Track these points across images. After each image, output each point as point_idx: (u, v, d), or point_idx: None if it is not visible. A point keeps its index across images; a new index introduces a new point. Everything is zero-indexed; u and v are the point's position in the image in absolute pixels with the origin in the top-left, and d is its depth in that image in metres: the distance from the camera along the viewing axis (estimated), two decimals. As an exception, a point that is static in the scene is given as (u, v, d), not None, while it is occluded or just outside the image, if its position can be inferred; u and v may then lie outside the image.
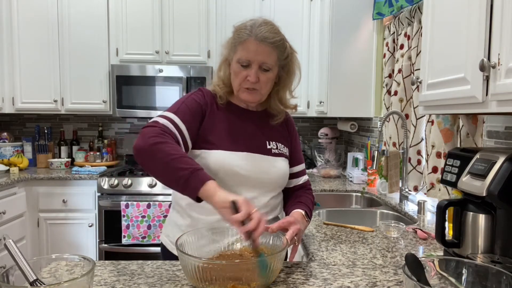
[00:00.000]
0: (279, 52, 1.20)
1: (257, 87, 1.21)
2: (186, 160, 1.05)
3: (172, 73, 3.20)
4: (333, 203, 2.54)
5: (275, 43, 1.18)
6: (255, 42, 1.16)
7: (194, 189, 1.02)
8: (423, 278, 0.80)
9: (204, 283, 0.91)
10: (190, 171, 1.02)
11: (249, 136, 1.26)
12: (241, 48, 1.18)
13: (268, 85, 1.23)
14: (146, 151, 1.06)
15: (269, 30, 1.17)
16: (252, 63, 1.18)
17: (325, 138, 3.33)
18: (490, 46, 0.98)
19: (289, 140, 1.37)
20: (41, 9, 3.20)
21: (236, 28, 1.23)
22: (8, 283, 0.78)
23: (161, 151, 1.05)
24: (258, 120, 1.31)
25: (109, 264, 1.13)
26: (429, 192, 1.86)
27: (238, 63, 1.19)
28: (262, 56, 1.17)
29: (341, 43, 2.83)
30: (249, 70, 1.19)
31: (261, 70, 1.19)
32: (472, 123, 1.58)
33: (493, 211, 1.06)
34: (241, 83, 1.21)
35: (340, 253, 1.35)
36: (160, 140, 1.07)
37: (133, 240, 2.86)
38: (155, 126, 1.11)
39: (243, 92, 1.22)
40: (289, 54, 1.25)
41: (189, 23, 3.25)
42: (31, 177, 2.97)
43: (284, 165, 1.30)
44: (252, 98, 1.24)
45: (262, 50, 1.17)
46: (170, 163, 1.04)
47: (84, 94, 3.28)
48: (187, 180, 1.02)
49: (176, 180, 1.04)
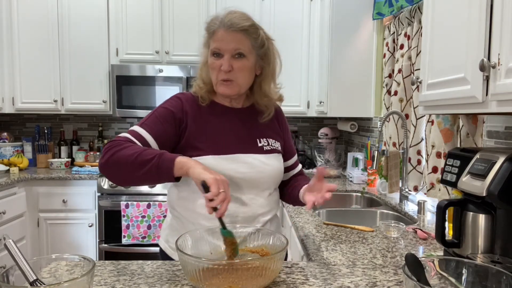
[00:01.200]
0: (251, 38, 1.18)
1: (232, 77, 1.18)
2: (147, 152, 1.05)
3: (172, 73, 3.20)
4: (333, 203, 2.53)
5: (243, 27, 1.16)
6: (223, 30, 1.15)
7: (168, 171, 1.03)
8: (423, 278, 0.80)
9: (204, 283, 0.91)
10: (157, 157, 1.03)
11: (238, 136, 1.24)
12: (212, 40, 1.18)
13: (244, 73, 1.20)
14: (108, 164, 1.08)
15: (237, 17, 1.16)
16: (224, 52, 1.16)
17: (325, 138, 3.33)
18: (490, 46, 0.98)
19: (281, 134, 1.35)
20: (41, 9, 3.20)
21: (207, 23, 1.21)
22: (8, 283, 0.78)
23: (121, 156, 1.06)
24: (246, 117, 1.28)
25: (109, 264, 1.13)
26: (429, 192, 1.86)
27: (211, 55, 1.18)
28: (233, 43, 1.16)
29: (341, 43, 2.83)
30: (222, 59, 1.17)
31: (234, 58, 1.17)
32: (472, 123, 1.58)
33: (493, 211, 1.06)
34: (217, 75, 1.19)
35: (340, 253, 1.35)
36: (116, 149, 1.08)
37: (133, 240, 2.86)
38: (113, 141, 1.12)
39: (220, 86, 1.20)
40: (265, 42, 1.22)
41: (189, 23, 3.25)
42: (31, 177, 2.97)
43: (278, 161, 1.29)
44: (230, 91, 1.20)
45: (232, 37, 1.15)
46: (134, 161, 1.04)
47: (84, 94, 3.28)
48: (157, 167, 1.03)
49: (148, 172, 1.04)
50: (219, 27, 1.16)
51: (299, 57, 3.24)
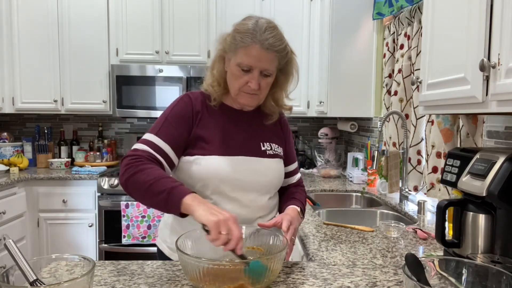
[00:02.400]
0: (281, 58, 1.18)
1: (257, 92, 1.19)
2: (160, 183, 1.04)
3: (172, 73, 3.20)
4: (333, 203, 2.54)
5: (280, 51, 1.15)
6: (259, 49, 1.12)
7: (175, 210, 1.02)
8: (423, 278, 0.80)
9: (204, 283, 0.91)
10: (166, 193, 1.02)
11: (243, 138, 1.24)
12: (243, 52, 1.14)
13: (267, 89, 1.22)
14: (126, 187, 1.09)
15: (275, 37, 1.14)
16: (254, 69, 1.15)
17: (325, 138, 3.33)
18: (490, 46, 0.98)
19: (283, 140, 1.36)
20: (41, 9, 3.20)
21: (238, 29, 1.16)
22: (8, 283, 0.78)
23: (137, 182, 1.06)
24: (252, 121, 1.29)
25: (109, 264, 1.13)
26: (429, 192, 1.86)
27: (238, 66, 1.16)
28: (266, 63, 1.15)
29: (341, 43, 2.83)
30: (250, 75, 1.15)
31: (262, 76, 1.17)
32: (472, 123, 1.58)
33: (493, 211, 1.06)
34: (240, 88, 1.18)
35: (340, 253, 1.35)
36: (134, 170, 1.08)
37: (133, 240, 2.86)
38: (131, 156, 1.11)
39: (243, 97, 1.20)
40: (289, 57, 1.23)
41: (189, 23, 3.25)
42: (31, 177, 2.97)
43: (280, 166, 1.30)
44: (251, 102, 1.22)
45: (266, 57, 1.14)
46: (147, 191, 1.05)
47: (84, 94, 3.28)
48: (166, 202, 1.03)
49: (158, 205, 1.06)
50: (254, 43, 1.12)
51: (299, 57, 3.17)
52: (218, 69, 1.24)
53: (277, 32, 1.16)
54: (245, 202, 1.21)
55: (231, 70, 1.18)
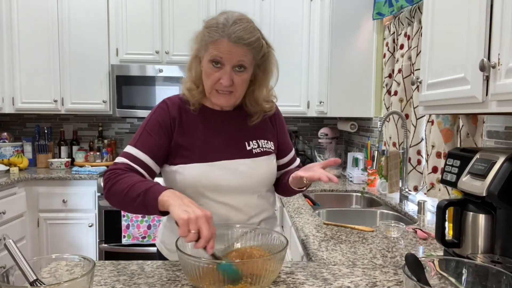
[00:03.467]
0: (254, 52, 1.12)
1: (232, 89, 1.14)
2: (135, 187, 1.03)
3: (172, 73, 3.20)
4: (333, 203, 2.54)
5: (250, 44, 1.09)
6: (228, 43, 1.07)
7: (153, 209, 1.01)
8: (423, 278, 0.80)
9: (204, 283, 0.91)
10: (142, 195, 1.01)
11: (225, 141, 1.20)
12: (212, 47, 1.09)
13: (243, 86, 1.16)
14: (108, 199, 1.11)
15: (244, 29, 1.08)
16: (225, 64, 1.10)
17: (325, 138, 3.33)
18: (490, 46, 0.98)
19: (274, 132, 1.31)
20: (41, 9, 3.20)
21: (207, 24, 1.12)
22: (8, 283, 0.78)
23: (115, 192, 1.08)
24: (235, 120, 1.24)
25: (109, 264, 1.13)
26: (429, 192, 1.86)
27: (209, 63, 1.11)
28: (236, 57, 1.09)
29: (341, 43, 2.83)
30: (222, 72, 1.11)
31: (235, 72, 1.12)
32: (472, 123, 1.58)
33: (493, 211, 1.06)
34: (213, 85, 1.14)
35: (340, 253, 1.35)
36: (112, 182, 1.08)
37: (133, 240, 2.86)
38: (110, 170, 1.12)
39: (217, 96, 1.15)
40: (266, 53, 1.17)
41: (189, 23, 3.25)
42: (31, 177, 2.97)
43: (268, 164, 1.25)
44: (226, 102, 1.17)
45: (236, 51, 1.09)
46: (125, 199, 1.05)
47: (84, 94, 3.28)
48: (144, 205, 1.02)
49: (139, 209, 1.05)
50: (222, 37, 1.08)
51: (299, 57, 3.24)
52: (195, 69, 1.21)
53: (247, 25, 1.10)
54: (234, 205, 1.20)
55: (204, 68, 1.14)
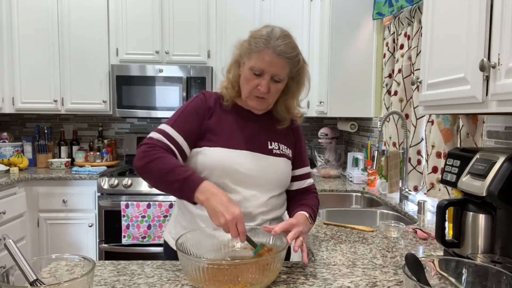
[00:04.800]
0: (292, 66, 1.23)
1: (267, 96, 1.23)
2: (175, 172, 1.11)
3: (172, 73, 3.20)
4: (333, 203, 2.54)
5: (291, 58, 1.20)
6: (272, 55, 1.17)
7: (188, 198, 1.10)
8: (423, 278, 0.80)
9: (204, 283, 0.91)
10: (181, 182, 1.10)
11: (250, 135, 1.28)
12: (256, 56, 1.19)
13: (276, 94, 1.26)
14: (143, 172, 1.16)
15: (287, 44, 1.19)
16: (265, 73, 1.19)
17: (325, 138, 3.33)
18: (490, 46, 0.98)
19: (293, 144, 1.37)
20: (41, 9, 3.20)
21: (253, 35, 1.23)
22: (8, 283, 0.78)
23: (155, 168, 1.13)
24: (262, 121, 1.32)
25: (109, 264, 1.13)
26: (429, 192, 1.86)
27: (250, 70, 1.21)
28: (277, 69, 1.19)
29: (341, 43, 2.83)
30: (261, 79, 1.20)
31: (272, 81, 1.21)
32: (472, 123, 1.59)
33: (493, 211, 1.06)
34: (251, 91, 1.23)
35: (340, 253, 1.35)
36: (152, 157, 1.14)
37: (133, 240, 2.86)
38: (148, 144, 1.18)
39: (252, 100, 1.25)
40: (301, 67, 1.28)
41: (189, 23, 3.25)
42: (31, 177, 2.97)
43: (285, 166, 1.30)
44: (260, 106, 1.26)
45: (277, 63, 1.18)
46: (163, 178, 1.12)
47: (84, 94, 3.28)
48: (181, 192, 1.11)
49: (174, 193, 1.14)
50: (267, 48, 1.17)
51: (299, 57, 3.24)
52: (233, 73, 1.29)
53: (290, 41, 1.21)
54: (246, 196, 1.22)
55: (244, 73, 1.23)
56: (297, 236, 1.08)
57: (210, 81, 3.21)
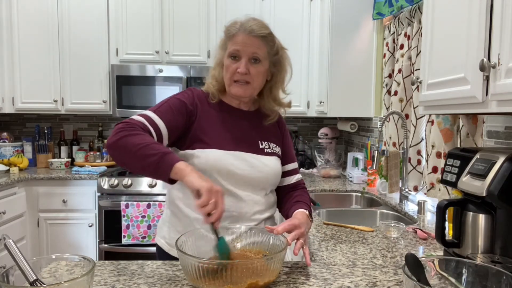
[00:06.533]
0: (268, 46, 1.23)
1: (249, 79, 1.22)
2: (153, 147, 1.06)
3: (172, 73, 3.20)
4: (333, 203, 2.54)
5: (263, 34, 1.21)
6: (243, 35, 1.20)
7: (165, 172, 1.04)
8: (423, 278, 0.80)
9: (204, 283, 0.91)
10: (159, 156, 1.04)
11: (242, 135, 1.28)
12: (231, 43, 1.22)
13: (259, 78, 1.25)
14: (116, 146, 1.09)
15: (257, 24, 1.22)
16: (242, 54, 1.21)
17: (325, 138, 3.33)
18: (490, 46, 0.98)
19: (281, 140, 1.39)
20: (41, 9, 3.20)
21: (226, 26, 1.26)
22: (8, 283, 0.78)
23: (129, 142, 1.07)
24: (251, 119, 1.32)
25: (109, 264, 1.13)
26: (429, 192, 1.86)
27: (228, 57, 1.23)
28: (251, 47, 1.21)
29: (341, 43, 2.83)
30: (239, 62, 1.21)
31: (251, 62, 1.22)
32: (472, 123, 1.59)
33: (493, 211, 1.06)
34: (231, 77, 1.23)
35: (340, 253, 1.35)
36: (127, 133, 1.09)
37: (133, 240, 2.86)
38: (126, 122, 1.13)
39: (235, 86, 1.24)
40: (279, 50, 1.28)
41: (189, 23, 3.25)
42: (31, 177, 2.97)
43: (277, 164, 1.31)
44: (243, 92, 1.24)
45: (251, 42, 1.20)
46: (138, 152, 1.06)
47: (84, 94, 3.28)
48: (157, 165, 1.04)
49: (147, 166, 1.06)
50: (239, 31, 1.21)
51: (299, 57, 3.24)
52: (217, 70, 1.30)
53: (260, 21, 1.24)
54: (242, 196, 1.23)
55: (225, 63, 1.24)
56: (297, 237, 1.08)
57: (210, 81, 3.20)
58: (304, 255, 1.11)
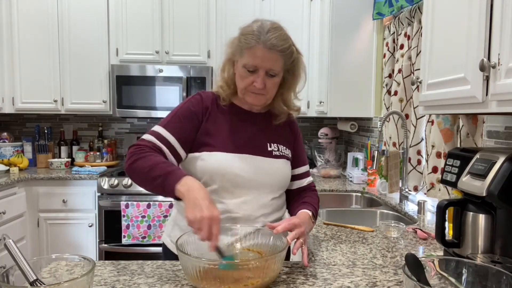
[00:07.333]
0: (286, 58, 1.20)
1: (264, 92, 1.21)
2: (158, 167, 1.10)
3: (172, 73, 3.20)
4: (333, 203, 2.54)
5: (283, 51, 1.18)
6: (263, 50, 1.15)
7: (170, 193, 1.07)
8: (423, 278, 0.80)
9: (204, 283, 0.91)
10: (163, 178, 1.07)
11: (250, 137, 1.26)
12: (248, 53, 1.17)
13: (274, 89, 1.24)
14: (129, 171, 1.15)
15: (278, 37, 1.16)
16: (259, 69, 1.18)
17: (325, 138, 3.33)
18: (490, 46, 0.98)
19: (292, 142, 1.37)
20: (41, 9, 3.20)
21: (243, 32, 1.21)
22: (8, 283, 0.78)
23: (138, 166, 1.12)
24: (260, 122, 1.31)
25: (109, 264, 1.13)
26: (429, 192, 1.86)
27: (244, 68, 1.19)
28: (270, 63, 1.17)
29: (341, 43, 2.83)
30: (256, 75, 1.18)
31: (267, 76, 1.19)
32: (472, 123, 1.59)
33: (493, 211, 1.06)
34: (246, 87, 1.21)
35: (340, 253, 1.35)
36: (137, 157, 1.14)
37: (133, 240, 2.86)
38: (137, 145, 1.18)
39: (249, 96, 1.23)
40: (295, 58, 1.25)
41: (189, 23, 3.25)
42: (31, 177, 2.97)
43: (285, 167, 1.30)
44: (258, 101, 1.24)
45: (270, 57, 1.16)
46: (145, 175, 1.11)
47: (84, 94, 3.28)
48: (162, 187, 1.08)
49: (156, 188, 1.11)
50: (258, 44, 1.15)
51: (299, 57, 3.24)
52: (227, 71, 1.28)
53: (280, 33, 1.18)
54: (247, 199, 1.22)
55: (239, 71, 1.22)
56: (297, 237, 1.08)
57: (210, 81, 3.21)
58: (302, 255, 1.10)
